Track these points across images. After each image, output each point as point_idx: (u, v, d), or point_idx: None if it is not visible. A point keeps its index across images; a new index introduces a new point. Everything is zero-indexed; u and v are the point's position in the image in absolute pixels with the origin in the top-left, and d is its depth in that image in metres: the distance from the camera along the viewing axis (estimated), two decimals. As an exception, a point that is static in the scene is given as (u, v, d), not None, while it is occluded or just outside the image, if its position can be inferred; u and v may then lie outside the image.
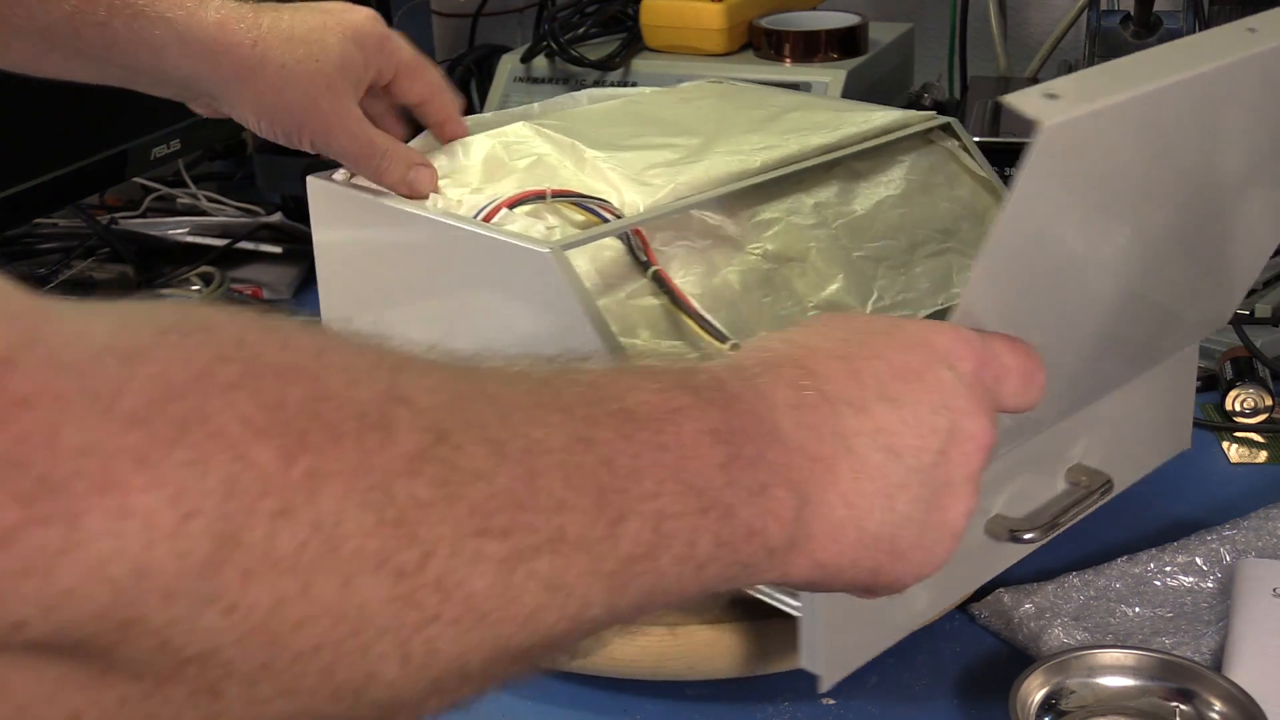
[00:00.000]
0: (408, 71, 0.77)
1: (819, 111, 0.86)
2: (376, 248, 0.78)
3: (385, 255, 0.77)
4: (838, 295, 0.74)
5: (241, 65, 0.70)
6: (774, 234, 0.74)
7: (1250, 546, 0.77)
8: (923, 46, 1.44)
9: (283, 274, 1.24)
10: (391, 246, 0.76)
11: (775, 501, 0.43)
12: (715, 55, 1.22)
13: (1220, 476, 0.88)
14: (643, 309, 0.68)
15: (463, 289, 0.72)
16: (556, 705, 0.70)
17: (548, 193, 0.70)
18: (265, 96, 0.71)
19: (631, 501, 0.38)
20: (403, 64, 0.76)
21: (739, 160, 0.76)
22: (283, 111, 0.71)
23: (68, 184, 1.03)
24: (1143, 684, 0.66)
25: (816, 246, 0.75)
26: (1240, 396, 0.92)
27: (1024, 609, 0.72)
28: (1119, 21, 1.17)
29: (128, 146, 1.07)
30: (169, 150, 1.11)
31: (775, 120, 0.83)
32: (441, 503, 0.34)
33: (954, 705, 0.69)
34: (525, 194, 0.70)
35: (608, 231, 0.68)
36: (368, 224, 0.77)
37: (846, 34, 1.20)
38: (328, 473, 0.32)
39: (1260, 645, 0.68)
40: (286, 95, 0.71)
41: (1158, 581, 0.75)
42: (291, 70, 0.70)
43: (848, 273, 0.75)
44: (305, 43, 0.70)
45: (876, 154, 0.82)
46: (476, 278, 0.70)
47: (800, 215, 0.76)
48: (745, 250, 0.73)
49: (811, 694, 0.70)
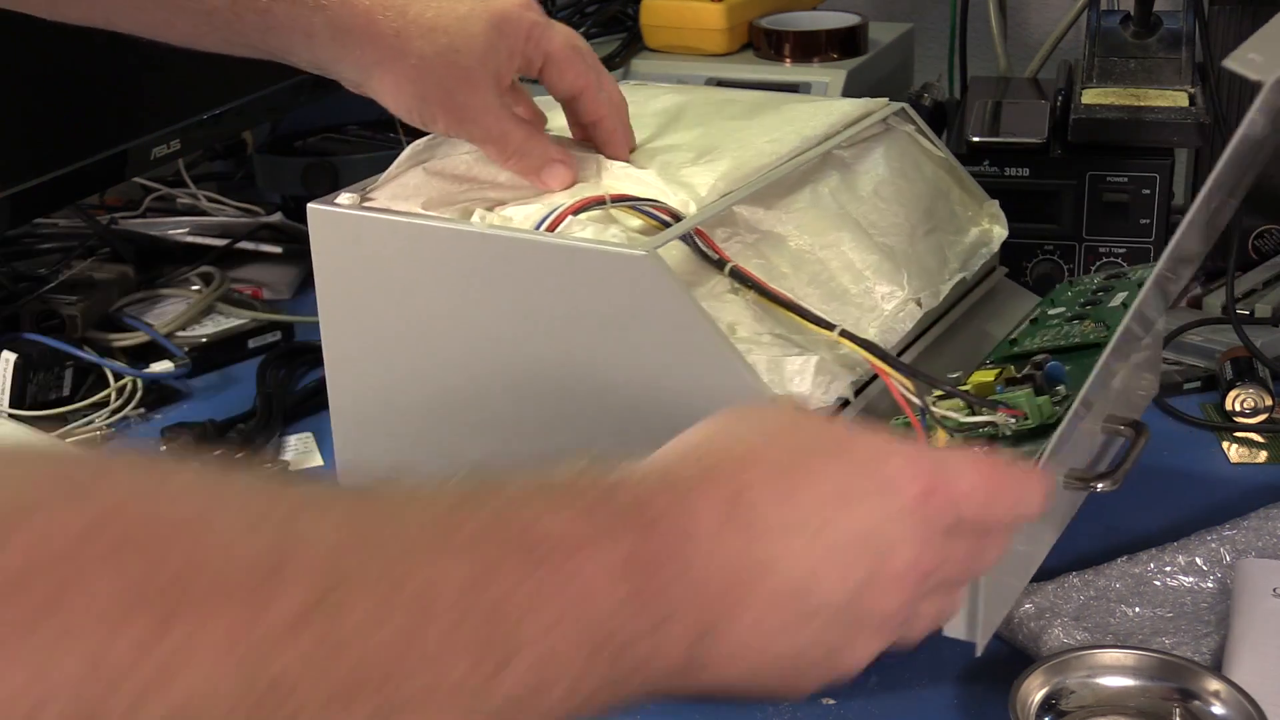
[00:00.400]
0: (555, 63, 0.73)
1: (787, 106, 0.86)
2: (407, 275, 0.72)
3: (420, 282, 0.72)
4: (876, 279, 0.74)
5: (383, 54, 0.69)
6: (806, 224, 0.75)
7: (1250, 546, 0.77)
8: (923, 46, 1.44)
9: (283, 274, 1.24)
10: (430, 270, 0.71)
11: (674, 634, 0.43)
12: (715, 55, 1.22)
13: (1220, 476, 0.88)
14: (726, 305, 0.67)
15: (538, 304, 0.68)
16: (556, 705, 0.70)
17: (607, 198, 0.69)
18: (403, 86, 0.70)
19: (520, 643, 0.38)
20: (550, 54, 0.73)
21: (755, 155, 0.76)
22: (418, 100, 0.71)
23: (68, 184, 1.03)
24: (1143, 684, 0.66)
25: (845, 233, 0.75)
26: (1240, 396, 0.92)
27: (1024, 609, 0.72)
28: (1119, 21, 1.17)
29: (128, 146, 1.07)
30: (169, 150, 1.11)
31: (756, 115, 0.83)
32: (316, 668, 0.33)
33: (954, 705, 0.69)
34: (586, 200, 0.69)
35: (683, 229, 0.68)
36: (393, 249, 0.73)
37: (846, 34, 1.20)
38: (200, 644, 0.31)
39: (1260, 645, 0.68)
40: (422, 86, 0.70)
41: (1158, 581, 0.75)
42: (430, 62, 0.69)
43: (880, 256, 0.75)
44: (447, 33, 0.69)
45: (855, 143, 0.83)
46: (559, 290, 0.67)
47: (821, 204, 0.76)
48: (786, 241, 0.73)
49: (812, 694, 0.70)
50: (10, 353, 0.99)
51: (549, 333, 0.68)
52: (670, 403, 0.65)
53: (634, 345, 0.65)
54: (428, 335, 0.72)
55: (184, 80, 1.12)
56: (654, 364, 0.65)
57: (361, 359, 0.75)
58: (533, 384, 0.69)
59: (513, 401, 0.70)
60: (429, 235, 0.71)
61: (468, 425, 0.72)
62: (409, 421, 0.74)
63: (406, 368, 0.74)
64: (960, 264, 0.81)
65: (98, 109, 1.06)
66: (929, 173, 0.86)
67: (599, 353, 0.67)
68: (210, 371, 1.08)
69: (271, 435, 0.96)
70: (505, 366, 0.70)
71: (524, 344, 0.69)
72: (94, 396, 1.02)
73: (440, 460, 0.71)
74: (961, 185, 0.87)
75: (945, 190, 0.86)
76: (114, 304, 1.11)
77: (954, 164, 0.87)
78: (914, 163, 0.85)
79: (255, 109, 1.20)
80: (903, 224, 0.80)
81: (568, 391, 0.68)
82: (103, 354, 1.05)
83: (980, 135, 1.06)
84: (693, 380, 0.64)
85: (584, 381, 0.67)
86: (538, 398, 0.69)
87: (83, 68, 1.03)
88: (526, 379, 0.69)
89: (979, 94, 1.17)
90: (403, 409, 0.74)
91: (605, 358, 0.66)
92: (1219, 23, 1.15)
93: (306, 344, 1.10)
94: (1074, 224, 1.05)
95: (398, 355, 0.74)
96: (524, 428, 0.70)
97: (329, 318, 0.77)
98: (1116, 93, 1.07)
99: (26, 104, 1.01)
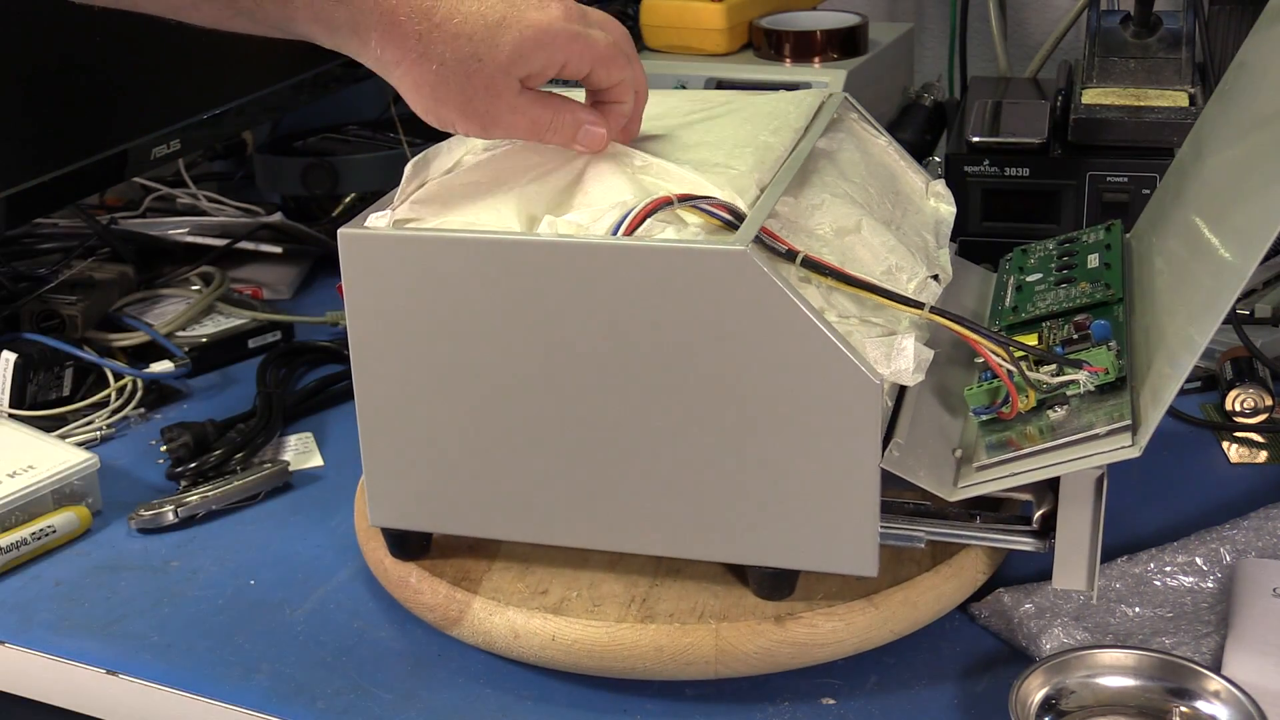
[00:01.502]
0: (603, 66, 0.72)
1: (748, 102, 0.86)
2: (466, 296, 0.68)
3: (481, 302, 0.68)
4: (895, 259, 0.75)
5: (403, 55, 0.68)
6: (827, 214, 0.75)
7: (1250, 546, 0.77)
8: (923, 46, 1.44)
9: (283, 274, 1.24)
10: (494, 288, 0.68)
11: None
12: (715, 55, 1.22)
13: (1220, 476, 0.88)
14: (807, 294, 0.67)
15: (621, 311, 0.67)
16: (556, 705, 0.70)
17: (674, 198, 0.69)
18: (422, 90, 0.68)
19: None
20: (599, 59, 0.71)
21: (767, 149, 0.76)
22: (435, 104, 0.69)
23: (68, 184, 1.03)
24: (1143, 684, 0.66)
25: (863, 219, 0.75)
26: (1240, 396, 0.92)
27: (1024, 609, 0.72)
28: (1119, 21, 1.17)
29: (128, 146, 1.07)
30: (169, 150, 1.11)
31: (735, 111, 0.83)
32: None
33: (954, 705, 0.69)
34: (657, 202, 0.68)
35: (759, 222, 0.67)
36: (448, 270, 0.68)
37: (846, 34, 1.20)
38: None
39: (1260, 645, 0.68)
40: (440, 93, 0.68)
41: (1158, 581, 0.75)
42: (450, 69, 0.67)
43: (895, 238, 0.76)
44: (472, 41, 0.67)
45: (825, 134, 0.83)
46: (646, 294, 0.66)
47: (830, 192, 0.77)
48: (815, 231, 0.74)
49: (812, 694, 0.70)
50: (10, 353, 0.99)
51: (635, 339, 0.67)
52: (774, 395, 0.65)
53: (731, 341, 0.65)
54: (490, 359, 0.69)
55: (184, 80, 1.12)
56: (753, 358, 0.65)
57: (405, 394, 0.71)
58: (622, 394, 0.68)
59: (595, 414, 0.68)
60: (493, 250, 0.67)
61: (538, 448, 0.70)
62: (468, 462, 0.72)
63: (463, 402, 0.70)
64: (936, 240, 0.82)
65: (98, 109, 1.06)
66: (878, 156, 0.87)
67: (693, 353, 0.66)
68: (210, 371, 1.08)
69: (271, 435, 0.96)
70: (584, 381, 0.68)
71: (605, 354, 0.67)
72: (94, 396, 1.02)
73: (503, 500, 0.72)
74: (909, 167, 0.88)
75: (898, 172, 0.87)
76: (114, 304, 1.11)
77: (897, 148, 0.89)
78: (868, 149, 0.87)
79: (255, 109, 1.20)
80: (890, 207, 0.81)
81: (662, 393, 0.67)
82: (103, 354, 1.05)
83: (980, 135, 1.07)
84: (796, 369, 0.65)
85: (682, 383, 0.67)
86: (627, 406, 0.68)
87: (83, 67, 1.03)
88: (613, 390, 0.68)
89: (979, 94, 1.17)
90: (460, 447, 0.71)
91: (701, 357, 0.66)
92: (1219, 23, 1.15)
93: (306, 344, 1.10)
94: (1074, 224, 1.05)
95: (452, 388, 0.70)
96: (609, 438, 0.69)
97: (366, 352, 0.71)
98: (1116, 93, 1.07)
99: (26, 104, 1.01)
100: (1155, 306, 0.75)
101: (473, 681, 0.72)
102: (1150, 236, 0.86)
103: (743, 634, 0.69)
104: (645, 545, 0.71)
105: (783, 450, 0.66)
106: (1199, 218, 0.76)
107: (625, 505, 0.70)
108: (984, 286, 0.89)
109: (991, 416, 0.71)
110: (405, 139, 1.30)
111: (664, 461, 0.68)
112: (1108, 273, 0.81)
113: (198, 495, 0.88)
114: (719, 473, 0.68)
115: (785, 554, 0.69)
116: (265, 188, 1.34)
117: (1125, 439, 0.64)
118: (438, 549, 0.76)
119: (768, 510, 0.68)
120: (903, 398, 0.71)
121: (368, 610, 0.78)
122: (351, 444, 0.74)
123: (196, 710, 0.72)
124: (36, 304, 1.06)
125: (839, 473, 0.66)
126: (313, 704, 0.71)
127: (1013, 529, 0.69)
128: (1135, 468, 0.69)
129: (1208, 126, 0.85)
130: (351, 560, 0.83)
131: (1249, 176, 0.72)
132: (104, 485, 0.90)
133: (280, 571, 0.83)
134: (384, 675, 0.73)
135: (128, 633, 0.78)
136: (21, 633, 0.78)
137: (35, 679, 0.77)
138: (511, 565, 0.75)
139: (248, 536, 0.87)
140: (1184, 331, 0.67)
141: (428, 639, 0.75)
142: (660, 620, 0.69)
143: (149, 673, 0.74)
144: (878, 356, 0.67)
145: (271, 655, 0.75)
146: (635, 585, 0.72)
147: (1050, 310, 0.80)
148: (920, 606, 0.71)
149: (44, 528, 0.85)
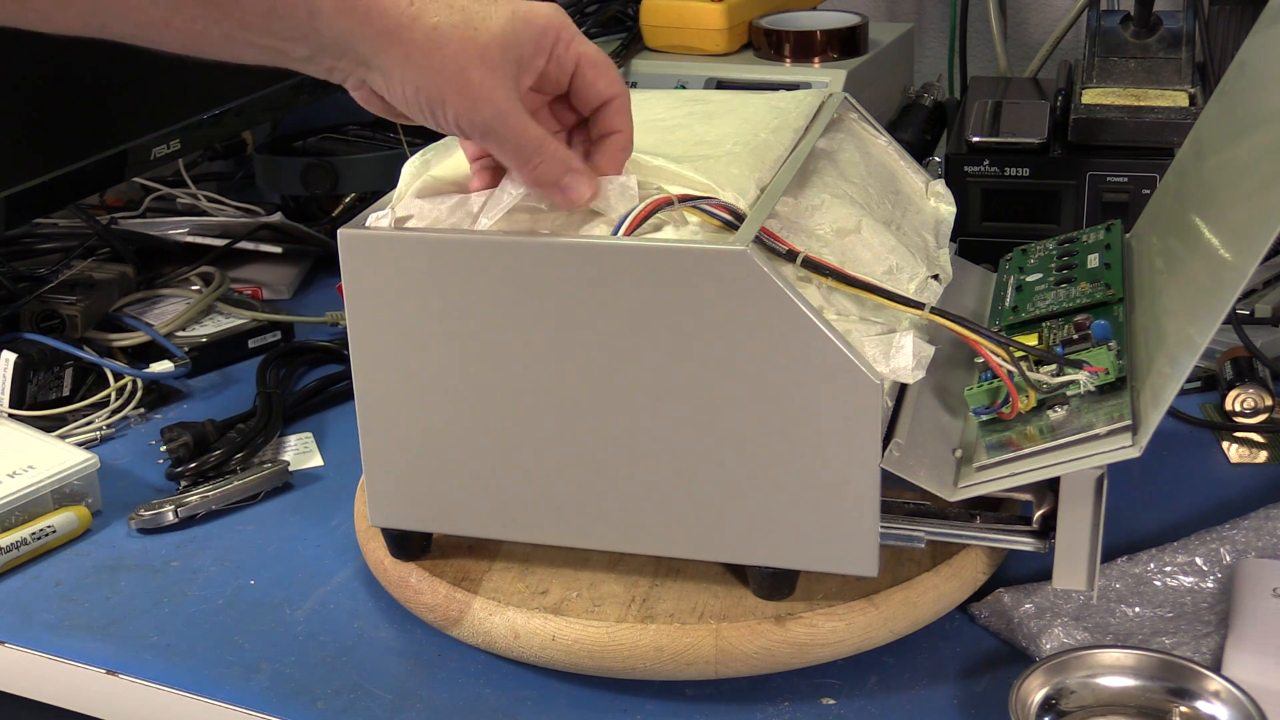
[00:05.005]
0: (593, 66, 0.69)
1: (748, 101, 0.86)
2: (468, 296, 0.68)
3: (483, 303, 0.68)
4: (896, 259, 0.75)
5: (392, 22, 0.65)
6: (827, 214, 0.75)
7: (1250, 546, 0.77)
8: (923, 46, 1.44)
9: (283, 274, 1.24)
10: (495, 288, 0.68)
11: None
12: (715, 55, 1.22)
13: (1220, 476, 0.88)
14: (805, 293, 0.67)
15: (621, 310, 0.67)
16: (556, 705, 0.70)
17: (674, 198, 0.69)
18: (413, 58, 0.65)
19: None
20: (586, 57, 0.69)
21: (765, 148, 0.76)
22: (428, 75, 0.66)
23: (68, 184, 1.03)
24: (1143, 684, 0.66)
25: (864, 219, 0.75)
26: (1240, 396, 0.92)
27: (1024, 609, 0.72)
28: (1119, 21, 1.17)
29: (128, 146, 1.07)
30: (169, 150, 1.11)
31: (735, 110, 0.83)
32: None
33: (954, 706, 0.69)
34: (658, 202, 0.68)
35: (760, 222, 0.67)
36: (450, 270, 0.68)
37: (846, 34, 1.20)
38: None
39: (1260, 645, 0.68)
40: (434, 59, 0.65)
41: (1158, 581, 0.75)
42: (444, 33, 0.65)
43: (895, 239, 0.76)
44: (465, 10, 0.66)
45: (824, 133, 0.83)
46: (647, 294, 0.66)
47: (831, 192, 0.77)
48: (814, 233, 0.74)
49: (812, 694, 0.70)
50: (10, 353, 0.99)
51: (635, 339, 0.67)
52: (774, 395, 0.66)
53: (731, 341, 0.65)
54: (490, 359, 0.69)
55: (184, 80, 1.12)
56: (753, 358, 0.65)
57: (405, 394, 0.71)
58: (622, 394, 0.68)
59: (595, 414, 0.68)
60: (493, 250, 0.67)
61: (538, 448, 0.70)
62: (468, 462, 0.72)
63: (464, 401, 0.70)
64: (936, 240, 0.82)
65: (98, 109, 1.06)
66: (878, 155, 0.87)
67: (693, 352, 0.66)
68: (210, 371, 1.08)
69: (271, 435, 0.96)
70: (583, 381, 0.68)
71: (605, 354, 0.67)
72: (94, 396, 1.02)
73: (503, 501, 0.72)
74: (909, 167, 0.88)
75: (897, 172, 0.87)
76: (114, 304, 1.11)
77: (897, 148, 0.89)
78: (868, 149, 0.87)
79: (255, 109, 1.20)
80: (890, 207, 0.81)
81: (662, 393, 0.67)
82: (103, 354, 1.05)
83: (980, 135, 1.07)
84: (796, 369, 0.65)
85: (682, 383, 0.67)
86: (627, 406, 0.68)
87: (83, 68, 1.03)
88: (613, 390, 0.68)
89: (979, 94, 1.17)
90: (459, 447, 0.71)
91: (701, 357, 0.66)
92: (1219, 23, 1.15)
93: (306, 344, 1.10)
94: (1074, 224, 1.05)
95: (452, 388, 0.70)
96: (609, 437, 0.69)
97: (366, 353, 0.72)
98: (1116, 93, 1.07)
99: (26, 104, 1.01)
100: (1155, 306, 0.75)
101: (473, 681, 0.72)
102: (1150, 236, 0.86)
103: (743, 634, 0.69)
104: (645, 545, 0.71)
105: (783, 450, 0.66)
106: (1199, 218, 0.76)
107: (625, 505, 0.70)
108: (984, 286, 0.89)
109: (992, 417, 0.71)
110: (405, 139, 1.30)
111: (664, 461, 0.68)
112: (1108, 273, 0.81)
113: (198, 495, 0.88)
114: (719, 472, 0.68)
115: (785, 554, 0.69)
116: (265, 188, 1.34)
117: (1125, 439, 0.64)
118: (438, 549, 0.76)
119: (768, 510, 0.68)
120: (903, 398, 0.71)
121: (367, 610, 0.78)
122: (351, 444, 0.74)
123: (196, 710, 0.72)
124: (36, 304, 1.06)
125: (839, 472, 0.66)
126: (312, 704, 0.71)
127: (1013, 529, 0.69)
128: (1135, 468, 0.69)
129: (1208, 126, 0.85)
130: (351, 560, 0.83)
131: (1249, 176, 0.72)
132: (104, 485, 0.90)
133: (280, 571, 0.83)
134: (384, 675, 0.73)
135: (128, 633, 0.78)
136: (21, 633, 0.78)
137: (35, 679, 0.77)
138: (511, 565, 0.75)
139: (248, 536, 0.87)
140: (1184, 331, 0.67)
141: (428, 639, 0.75)
142: (660, 620, 0.69)
143: (149, 673, 0.74)
144: (876, 354, 0.67)
145: (271, 655, 0.75)
146: (635, 585, 0.72)
147: (1050, 310, 0.80)
148: (920, 606, 0.71)
149: (44, 528, 0.85)
